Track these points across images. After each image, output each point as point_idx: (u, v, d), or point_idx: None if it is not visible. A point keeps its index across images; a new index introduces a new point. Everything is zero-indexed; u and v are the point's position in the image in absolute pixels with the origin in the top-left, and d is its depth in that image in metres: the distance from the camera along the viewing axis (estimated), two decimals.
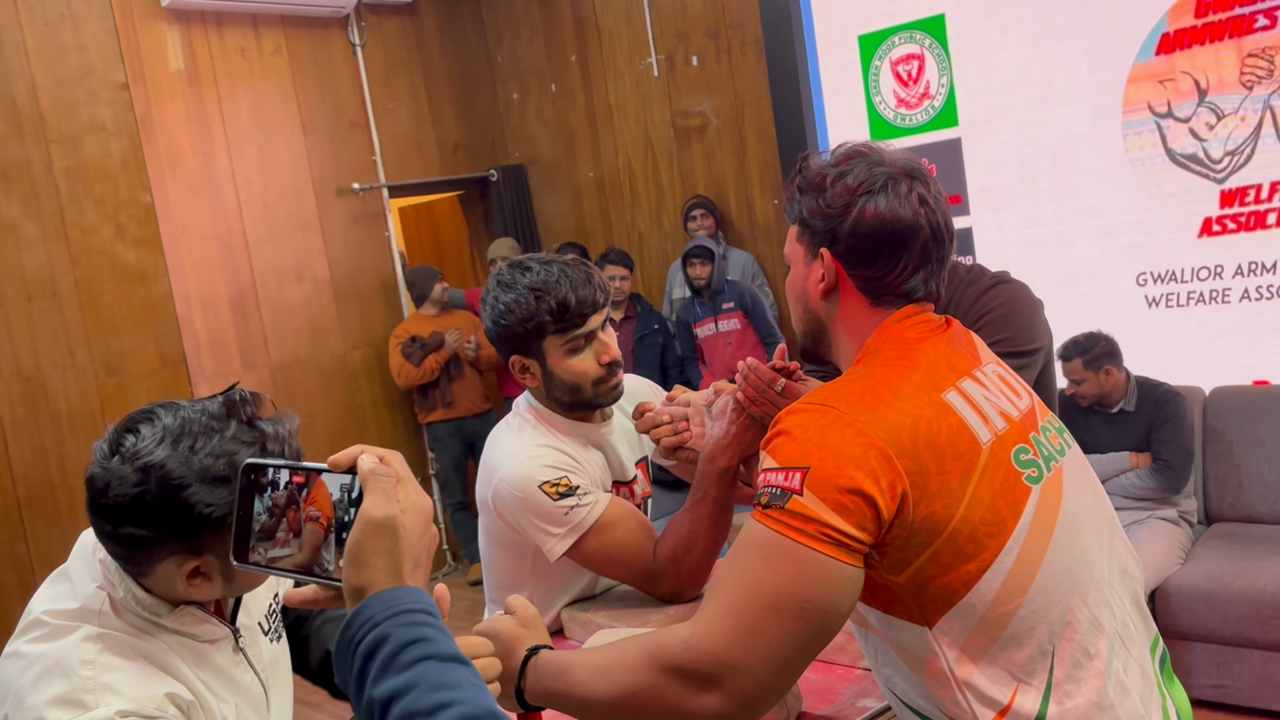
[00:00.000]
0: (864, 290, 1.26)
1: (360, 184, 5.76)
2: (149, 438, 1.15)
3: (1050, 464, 1.21)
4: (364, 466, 0.84)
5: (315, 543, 0.88)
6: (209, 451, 1.15)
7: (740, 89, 5.43)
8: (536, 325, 1.71)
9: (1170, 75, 4.03)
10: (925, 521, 1.10)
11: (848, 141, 1.32)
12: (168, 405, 1.20)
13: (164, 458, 1.13)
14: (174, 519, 1.13)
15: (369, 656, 0.77)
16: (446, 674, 0.74)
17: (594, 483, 1.77)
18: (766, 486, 1.12)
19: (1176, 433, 3.57)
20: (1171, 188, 4.09)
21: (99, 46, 4.86)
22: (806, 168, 1.30)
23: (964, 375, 1.21)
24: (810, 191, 1.27)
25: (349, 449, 0.86)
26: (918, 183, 1.25)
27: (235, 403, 1.21)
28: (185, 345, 5.04)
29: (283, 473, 0.91)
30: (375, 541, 0.81)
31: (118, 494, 1.13)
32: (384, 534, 0.82)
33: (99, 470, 1.15)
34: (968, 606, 1.12)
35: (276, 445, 1.19)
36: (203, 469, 1.14)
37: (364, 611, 0.79)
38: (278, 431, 1.21)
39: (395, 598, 0.79)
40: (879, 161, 1.26)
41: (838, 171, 1.25)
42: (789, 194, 1.32)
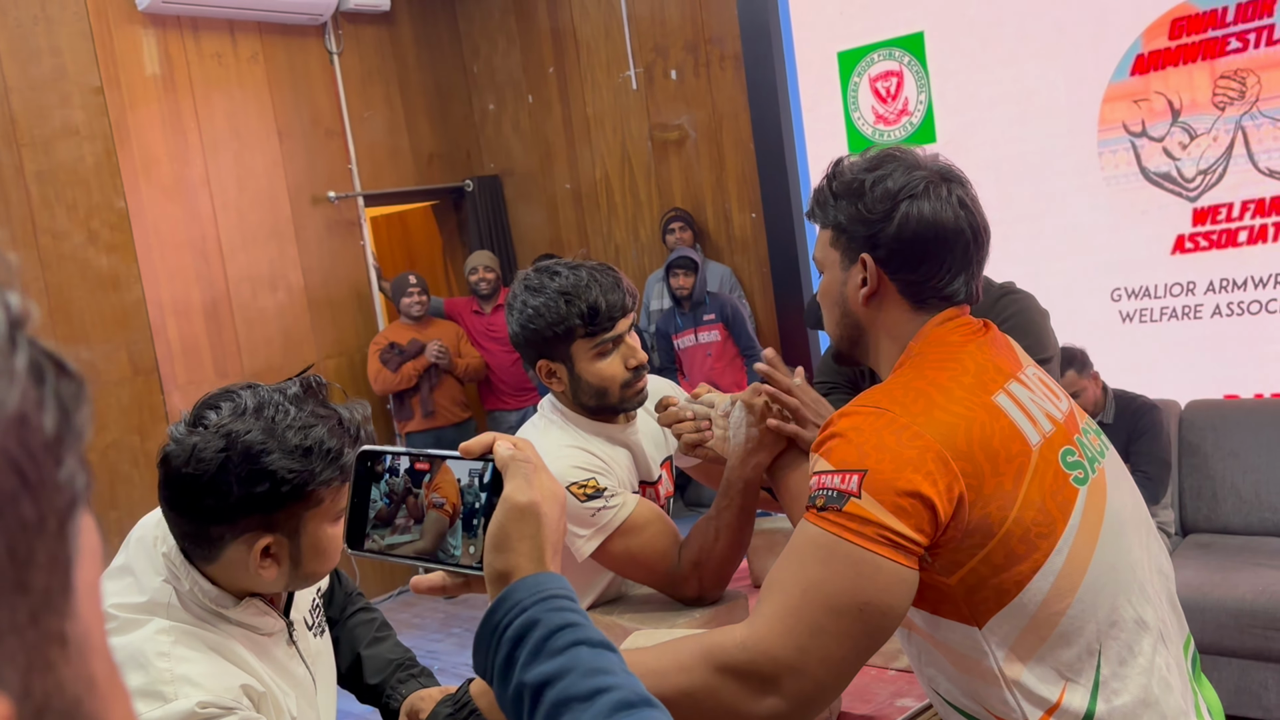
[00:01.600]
0: (906, 294, 1.27)
1: (336, 192, 5.72)
2: (230, 412, 1.17)
3: (1094, 465, 1.23)
4: (502, 453, 0.84)
5: (440, 529, 0.87)
6: (289, 424, 1.17)
7: (719, 103, 5.47)
8: (566, 329, 1.71)
9: (1145, 95, 4.12)
10: (980, 523, 1.11)
11: (876, 145, 1.33)
12: (245, 385, 1.23)
13: (248, 426, 1.16)
14: (255, 487, 1.15)
15: (518, 641, 0.76)
16: (599, 659, 0.74)
17: (621, 483, 1.78)
18: (822, 489, 1.12)
19: (1154, 444, 3.63)
20: (1145, 205, 4.18)
21: (73, 50, 4.80)
22: (841, 172, 1.30)
23: (1010, 378, 1.22)
24: (847, 197, 1.27)
25: (481, 436, 0.86)
26: (956, 185, 1.26)
27: (311, 385, 1.24)
28: (158, 353, 4.97)
29: (402, 459, 0.90)
30: (520, 527, 0.81)
31: (201, 462, 1.14)
32: (528, 519, 0.81)
33: (177, 445, 1.17)
34: (1018, 607, 1.13)
35: (352, 427, 1.22)
36: (284, 438, 1.16)
37: (511, 596, 0.79)
38: (352, 414, 1.24)
39: (541, 583, 0.79)
40: (915, 165, 1.27)
41: (875, 176, 1.26)
42: (819, 199, 1.32)
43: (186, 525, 1.19)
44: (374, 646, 1.53)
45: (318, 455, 1.17)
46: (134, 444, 4.93)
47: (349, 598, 1.60)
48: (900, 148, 1.31)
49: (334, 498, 1.21)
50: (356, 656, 1.52)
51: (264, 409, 1.18)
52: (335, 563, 1.26)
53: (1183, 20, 3.99)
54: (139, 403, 4.94)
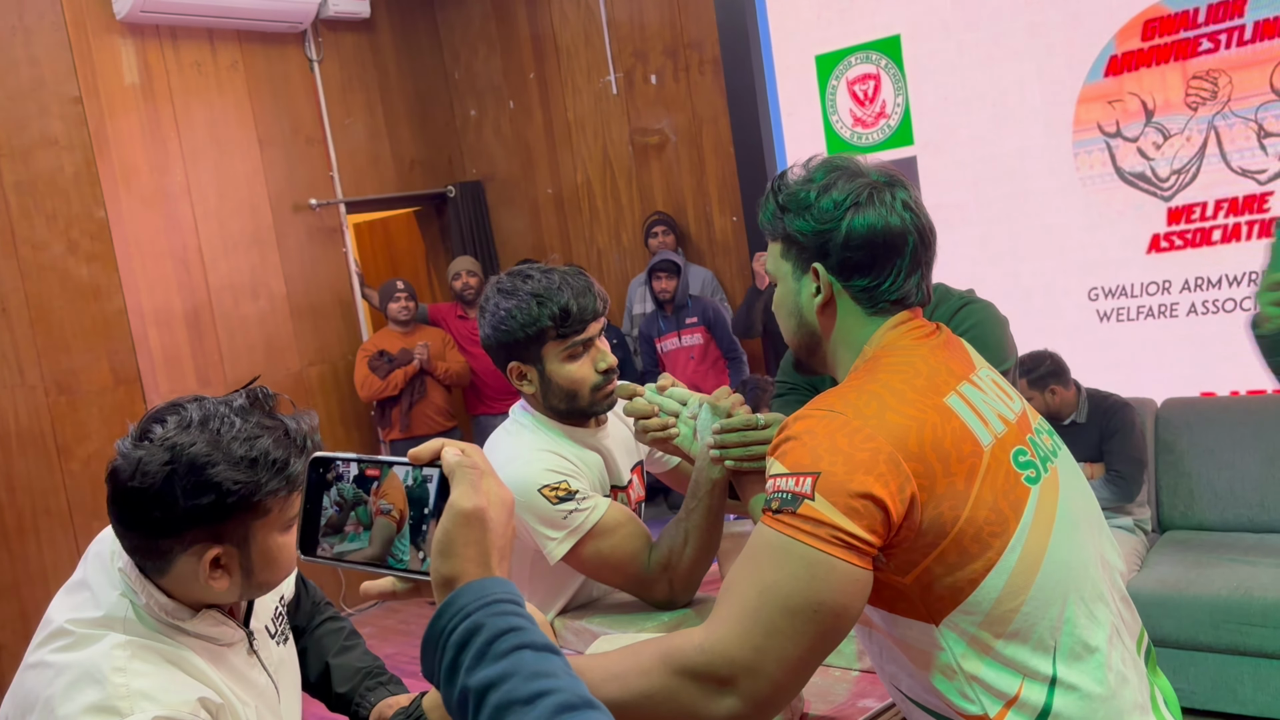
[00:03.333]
0: (859, 301, 1.29)
1: (317, 200, 5.73)
2: (175, 425, 1.18)
3: (1046, 464, 1.25)
4: (449, 459, 0.85)
5: (388, 535, 0.88)
6: (235, 435, 1.18)
7: (699, 107, 5.49)
8: (538, 331, 1.74)
9: (1119, 96, 4.15)
10: (933, 523, 1.13)
11: (817, 155, 1.35)
12: (192, 399, 1.23)
13: (193, 439, 1.16)
14: (200, 499, 1.15)
15: (462, 646, 0.77)
16: (542, 663, 0.75)
17: (592, 486, 1.79)
18: (777, 492, 1.14)
19: (1127, 443, 3.66)
20: (1121, 205, 4.21)
21: (51, 60, 4.79)
22: (786, 184, 1.31)
23: (962, 380, 1.24)
24: (794, 209, 1.29)
25: (430, 443, 0.88)
26: (899, 189, 1.28)
27: (257, 397, 1.24)
28: (139, 363, 4.96)
29: (352, 466, 0.91)
30: (465, 533, 0.82)
31: (146, 475, 1.15)
32: (473, 525, 0.82)
33: (124, 459, 1.17)
34: (973, 604, 1.15)
35: (299, 438, 1.23)
36: (230, 450, 1.17)
37: (455, 601, 0.80)
38: (299, 425, 1.24)
39: (485, 588, 0.80)
40: (858, 172, 1.29)
41: (820, 187, 1.27)
42: (766, 211, 1.34)
43: (136, 539, 1.19)
44: (342, 655, 1.54)
45: (263, 466, 1.18)
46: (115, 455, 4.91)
47: (316, 606, 1.61)
48: (842, 156, 1.33)
49: (282, 507, 1.22)
50: (325, 665, 1.53)
51: (209, 421, 1.18)
52: (289, 571, 1.27)
53: (1155, 21, 4.03)
54: (121, 412, 4.93)
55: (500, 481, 0.86)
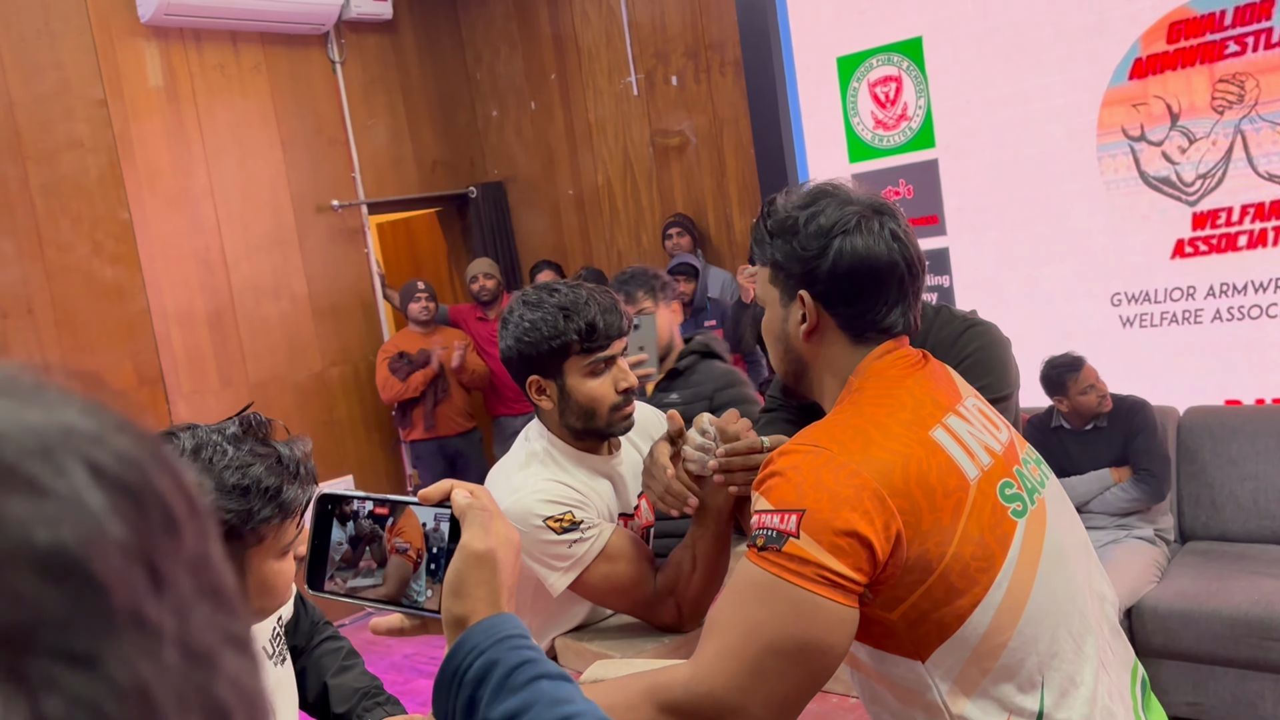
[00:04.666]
0: (845, 328, 1.28)
1: (339, 201, 5.75)
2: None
3: (1033, 496, 1.24)
4: (460, 501, 0.87)
5: (404, 574, 0.90)
6: (226, 464, 1.18)
7: (719, 109, 5.47)
8: (562, 344, 1.72)
9: (1143, 99, 4.10)
10: (918, 560, 1.12)
11: (808, 182, 1.34)
12: (185, 427, 1.24)
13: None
14: None
15: (479, 682, 0.79)
16: (560, 690, 0.77)
17: (600, 515, 1.77)
18: (762, 528, 1.13)
19: (1152, 440, 3.63)
20: (1145, 210, 4.16)
21: (76, 63, 4.84)
22: (774, 211, 1.31)
23: (948, 411, 1.23)
24: (782, 234, 1.28)
25: (439, 484, 0.89)
26: (888, 218, 1.27)
27: (250, 424, 1.25)
28: (162, 363, 5.02)
29: (366, 504, 0.92)
30: (476, 573, 0.84)
31: None
32: (484, 566, 0.84)
33: None
34: (960, 640, 1.14)
35: (291, 464, 1.23)
36: (221, 479, 1.17)
37: (468, 640, 0.82)
38: (292, 451, 1.25)
39: (496, 625, 0.82)
40: (848, 200, 1.28)
41: (808, 213, 1.27)
42: (756, 237, 1.33)
43: None
44: (340, 675, 1.55)
45: (256, 494, 1.18)
46: None
47: (315, 626, 1.61)
48: (833, 183, 1.32)
49: (276, 534, 1.22)
50: (323, 685, 1.53)
51: (201, 450, 1.19)
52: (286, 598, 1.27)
53: (1181, 24, 3.97)
54: (144, 412, 4.98)
55: (508, 522, 0.88)
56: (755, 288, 1.37)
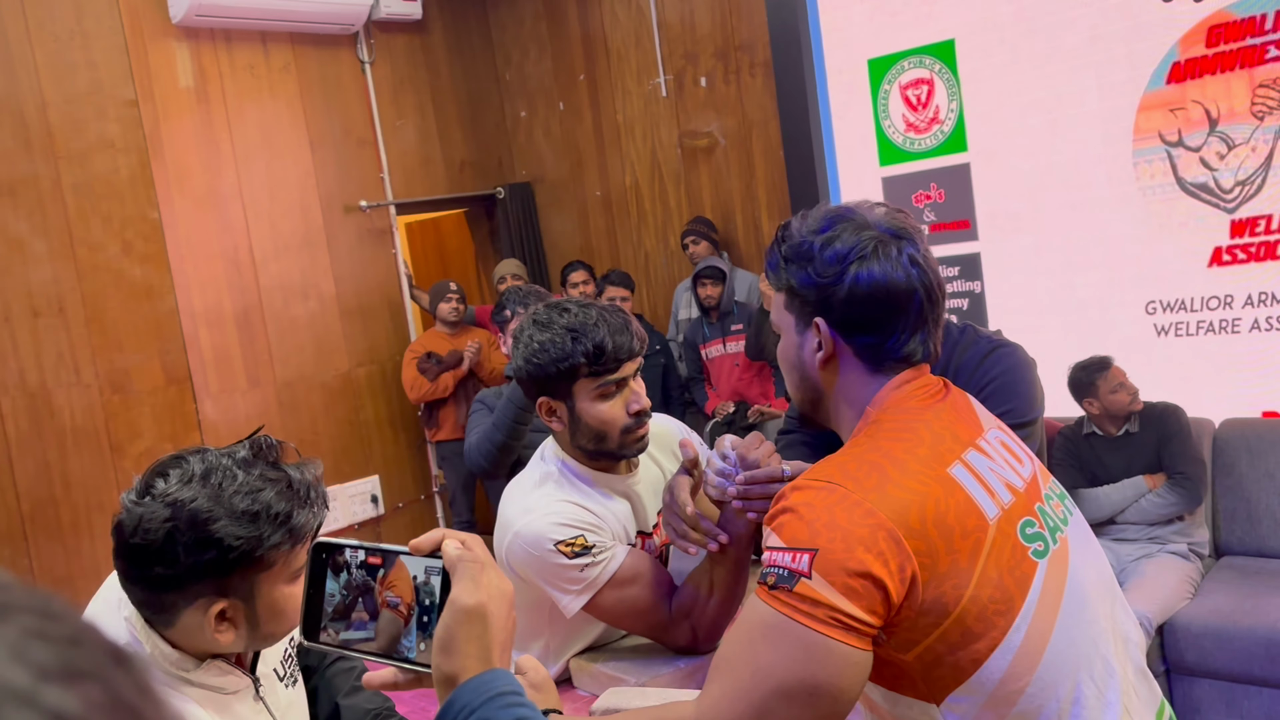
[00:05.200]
0: (862, 357, 1.24)
1: (367, 201, 5.76)
2: (178, 479, 1.18)
3: (1055, 535, 1.20)
4: (450, 553, 0.85)
5: (395, 630, 0.88)
6: (236, 489, 1.17)
7: (748, 110, 5.43)
8: (570, 367, 1.69)
9: (1181, 104, 4.01)
10: (934, 603, 1.08)
11: (823, 205, 1.30)
12: (195, 451, 1.23)
13: (194, 494, 1.16)
14: (203, 555, 1.15)
15: None
16: None
17: (615, 536, 1.75)
18: (773, 566, 1.09)
19: (1186, 445, 3.56)
20: (1182, 217, 4.08)
21: (108, 63, 4.87)
22: (789, 235, 1.27)
23: (968, 446, 1.19)
24: (797, 260, 1.24)
25: (430, 534, 0.87)
26: (906, 243, 1.23)
27: (260, 448, 1.24)
28: (190, 362, 5.04)
29: (358, 553, 0.91)
30: (467, 629, 0.82)
31: (147, 532, 1.15)
32: (475, 621, 0.82)
33: (127, 514, 1.18)
34: (976, 684, 1.11)
35: (302, 489, 1.22)
36: (231, 505, 1.16)
37: (459, 699, 0.80)
38: (303, 475, 1.23)
39: (487, 682, 0.81)
40: (865, 225, 1.23)
41: (824, 238, 1.23)
42: (771, 261, 1.29)
43: (141, 592, 1.19)
44: (352, 696, 1.53)
45: (266, 519, 1.17)
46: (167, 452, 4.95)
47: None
48: (850, 206, 1.28)
49: (286, 559, 1.21)
50: (335, 706, 1.52)
51: (211, 475, 1.18)
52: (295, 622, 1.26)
53: (1220, 28, 3.88)
54: (172, 411, 5.01)
55: (501, 574, 0.86)
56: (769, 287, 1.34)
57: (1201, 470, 3.56)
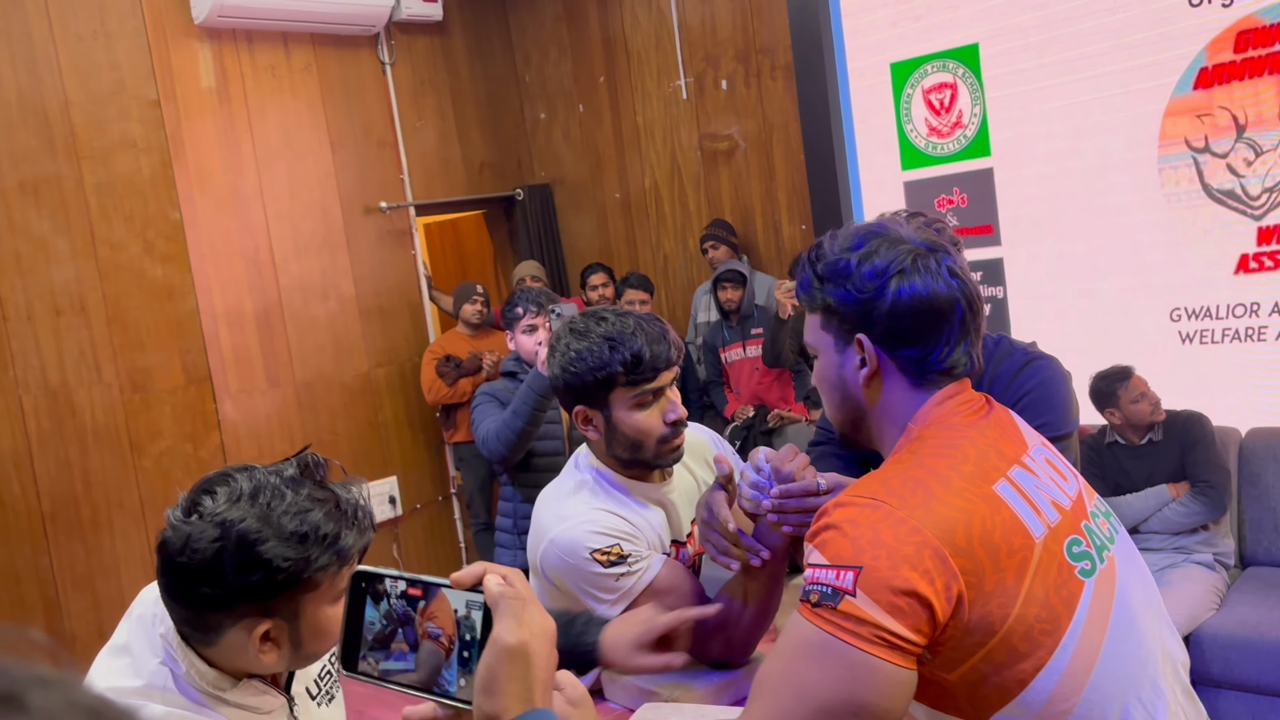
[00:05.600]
0: (905, 371, 1.23)
1: (387, 202, 5.76)
2: (225, 498, 1.16)
3: (1102, 554, 1.18)
4: (492, 589, 0.83)
5: (435, 662, 0.87)
6: (285, 509, 1.16)
7: (769, 113, 5.41)
8: (607, 376, 1.68)
9: (1208, 110, 3.98)
10: (980, 622, 1.07)
11: (851, 224, 1.30)
12: (242, 468, 1.22)
13: (242, 514, 1.15)
14: (250, 576, 1.14)
15: None
16: None
17: (651, 545, 1.74)
18: (815, 584, 1.08)
19: (1210, 452, 3.54)
20: (1208, 223, 4.05)
21: (131, 64, 4.88)
22: (823, 254, 1.26)
23: (1013, 463, 1.18)
24: (834, 279, 1.24)
25: (471, 567, 0.86)
26: (943, 255, 1.23)
27: (308, 466, 1.23)
28: (210, 362, 5.05)
29: (399, 584, 0.89)
30: (509, 669, 0.81)
31: (195, 552, 1.14)
32: (517, 660, 0.81)
33: (174, 531, 1.16)
34: (1022, 705, 1.09)
35: (349, 509, 1.21)
36: (280, 525, 1.15)
37: None
38: (350, 495, 1.22)
39: None
40: (899, 239, 1.23)
41: (860, 255, 1.22)
42: (803, 282, 1.29)
43: (184, 611, 1.18)
44: None
45: (314, 541, 1.16)
46: (187, 451, 5.01)
47: None
48: (880, 222, 1.28)
49: (332, 581, 1.20)
50: None
51: (259, 494, 1.17)
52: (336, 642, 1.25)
53: (1249, 33, 3.85)
54: (192, 411, 5.02)
55: (543, 610, 0.84)
56: (792, 301, 1.33)
57: (1225, 479, 3.53)
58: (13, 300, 4.75)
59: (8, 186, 4.71)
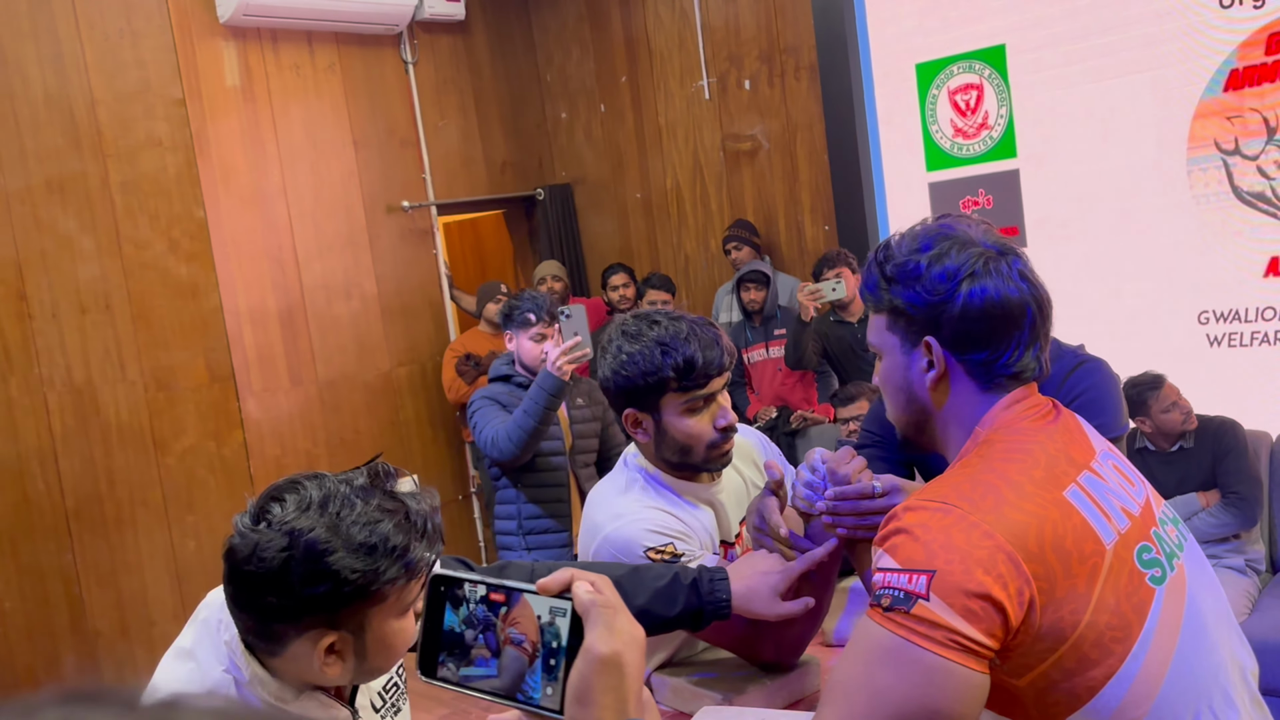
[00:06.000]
0: (973, 375, 1.22)
1: (409, 201, 5.77)
2: (294, 506, 1.15)
3: (1172, 561, 1.17)
4: (583, 597, 0.82)
5: (519, 669, 0.85)
6: (354, 519, 1.14)
7: (793, 113, 5.40)
8: (659, 380, 1.67)
9: (1238, 112, 3.96)
10: (1051, 628, 1.06)
11: (923, 222, 1.28)
12: (311, 476, 1.20)
13: (311, 523, 1.13)
14: (317, 587, 1.12)
15: None
16: None
17: (702, 545, 1.74)
18: (887, 588, 1.07)
19: (1241, 461, 3.52)
20: (1236, 226, 4.03)
21: (157, 62, 4.89)
22: (892, 255, 1.25)
23: (1083, 469, 1.17)
24: (902, 280, 1.23)
25: (558, 574, 0.84)
26: (1014, 258, 1.22)
27: (378, 474, 1.21)
28: (234, 360, 5.06)
29: (477, 589, 0.88)
30: (603, 679, 0.79)
31: (263, 561, 1.12)
32: (611, 670, 0.80)
33: (241, 539, 1.14)
34: (1091, 713, 1.09)
35: (419, 520, 1.19)
36: (349, 536, 1.13)
37: None
38: (420, 507, 1.20)
39: None
40: (969, 241, 1.22)
41: (930, 256, 1.21)
42: (869, 283, 1.28)
43: (250, 620, 1.17)
44: None
45: (383, 553, 1.14)
46: (210, 449, 5.02)
47: None
48: (948, 223, 1.26)
49: (400, 594, 1.18)
50: None
51: (329, 503, 1.15)
52: (401, 656, 1.23)
53: None
54: (215, 409, 5.04)
55: (632, 619, 0.83)
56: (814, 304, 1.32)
57: (1257, 489, 3.51)
58: (38, 298, 4.76)
59: (34, 184, 4.73)
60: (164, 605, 4.93)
